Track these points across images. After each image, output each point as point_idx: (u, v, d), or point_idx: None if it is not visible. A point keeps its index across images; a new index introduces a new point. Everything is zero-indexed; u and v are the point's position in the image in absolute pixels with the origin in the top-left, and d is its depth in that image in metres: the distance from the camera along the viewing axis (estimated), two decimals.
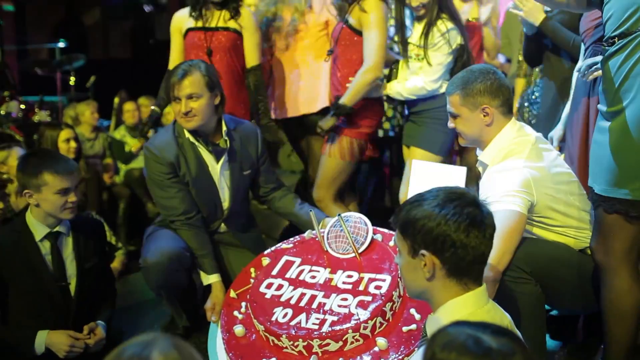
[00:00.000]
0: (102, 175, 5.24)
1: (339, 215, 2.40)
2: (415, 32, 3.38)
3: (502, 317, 1.57)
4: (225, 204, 2.92)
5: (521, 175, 2.22)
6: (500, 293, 2.14)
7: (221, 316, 2.42)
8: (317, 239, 2.49)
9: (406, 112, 3.65)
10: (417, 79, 3.32)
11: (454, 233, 1.46)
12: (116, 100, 6.31)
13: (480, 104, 2.32)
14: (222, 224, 2.96)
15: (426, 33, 3.28)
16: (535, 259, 2.20)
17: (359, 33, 3.27)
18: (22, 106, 5.72)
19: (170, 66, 3.46)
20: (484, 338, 1.05)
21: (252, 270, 2.55)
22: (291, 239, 2.65)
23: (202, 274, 2.76)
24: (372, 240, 2.38)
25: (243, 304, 2.41)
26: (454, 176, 2.55)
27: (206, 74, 2.74)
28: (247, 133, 2.94)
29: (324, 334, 2.07)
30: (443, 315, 1.52)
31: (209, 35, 3.38)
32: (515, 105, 3.67)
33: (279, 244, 2.64)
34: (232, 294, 2.49)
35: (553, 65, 3.22)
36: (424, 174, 2.65)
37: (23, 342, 2.37)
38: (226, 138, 2.82)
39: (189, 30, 3.43)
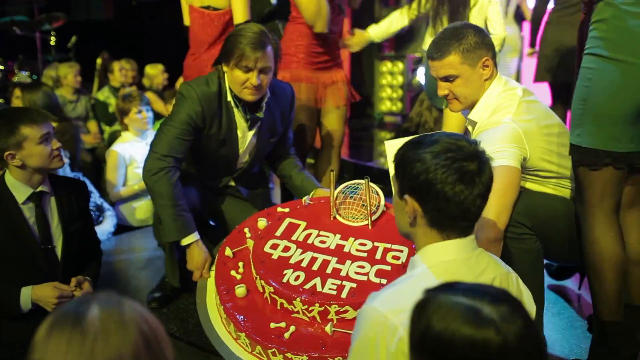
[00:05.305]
0: (85, 137, 5.14)
1: (366, 177, 2.34)
2: None
3: (491, 269, 1.51)
4: (241, 165, 2.83)
5: (511, 129, 2.17)
6: (503, 250, 2.10)
7: (216, 276, 2.31)
8: (319, 203, 2.43)
9: None
10: None
11: (439, 184, 1.39)
12: (99, 61, 6.18)
13: (480, 57, 2.25)
14: (232, 181, 2.88)
15: None
16: (534, 213, 2.17)
17: None
18: (1, 67, 5.58)
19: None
20: (483, 309, 1.00)
21: (246, 230, 2.46)
22: (285, 203, 2.59)
23: (181, 231, 2.55)
24: (384, 212, 2.34)
25: (240, 264, 2.31)
26: None
27: (274, 42, 2.59)
28: (285, 100, 2.82)
29: (343, 300, 2.00)
30: (422, 258, 1.48)
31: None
32: None
33: (273, 207, 2.58)
34: (228, 252, 2.37)
35: None
36: None
37: (9, 300, 2.30)
38: (264, 106, 2.69)
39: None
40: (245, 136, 2.73)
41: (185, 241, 2.55)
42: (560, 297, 2.84)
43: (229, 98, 2.64)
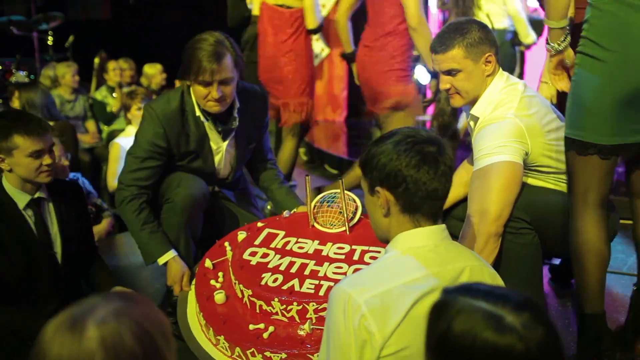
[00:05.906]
0: (83, 137, 5.14)
1: (339, 178, 2.37)
2: None
3: (461, 259, 1.54)
4: (224, 176, 2.80)
5: (514, 124, 2.18)
6: (502, 245, 2.12)
7: (196, 286, 2.33)
8: (301, 212, 2.47)
9: None
10: None
11: (405, 168, 1.48)
12: (96, 60, 6.17)
13: (483, 52, 2.27)
14: (216, 187, 2.85)
15: None
16: (532, 207, 2.19)
17: None
18: None
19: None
20: (506, 315, 1.00)
21: (226, 244, 2.47)
22: (264, 219, 2.61)
23: (156, 252, 2.52)
24: (361, 219, 2.37)
25: (220, 274, 2.33)
26: None
27: (234, 50, 2.47)
28: (255, 104, 2.75)
29: (321, 298, 2.00)
30: (395, 245, 1.55)
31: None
32: None
33: (252, 223, 2.59)
34: (208, 263, 2.39)
35: None
36: None
37: (30, 329, 2.20)
38: (236, 116, 2.64)
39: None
40: (220, 147, 2.69)
41: (162, 260, 2.51)
42: (557, 295, 2.84)
43: (198, 112, 2.58)
